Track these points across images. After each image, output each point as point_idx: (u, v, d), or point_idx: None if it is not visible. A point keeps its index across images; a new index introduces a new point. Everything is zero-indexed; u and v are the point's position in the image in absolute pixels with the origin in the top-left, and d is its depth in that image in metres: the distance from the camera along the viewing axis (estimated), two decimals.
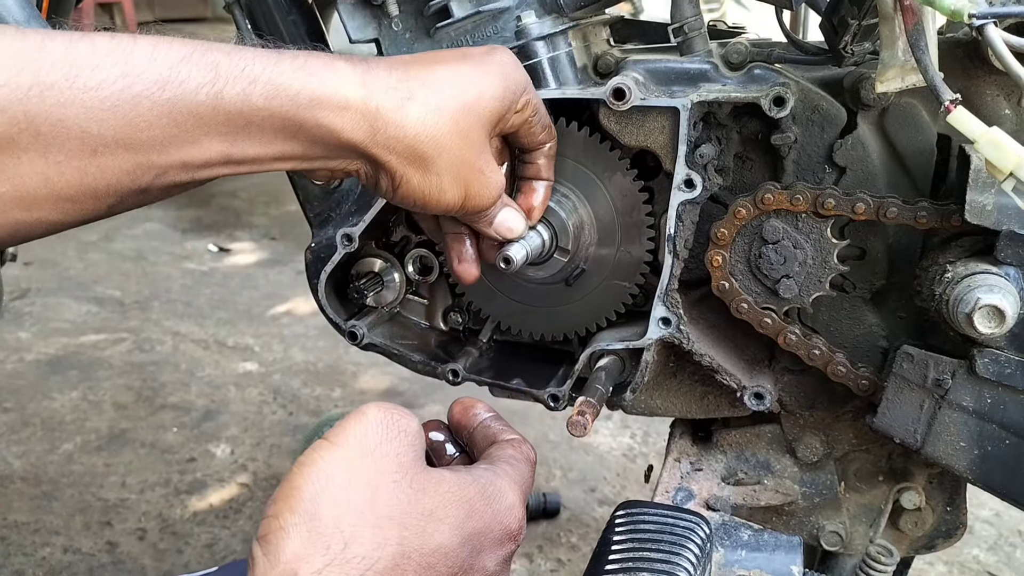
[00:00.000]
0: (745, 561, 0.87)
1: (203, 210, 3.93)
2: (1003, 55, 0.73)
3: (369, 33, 0.98)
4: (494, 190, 0.80)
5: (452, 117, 0.73)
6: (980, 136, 0.73)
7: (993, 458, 0.86)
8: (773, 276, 0.92)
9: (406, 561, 0.58)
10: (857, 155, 0.91)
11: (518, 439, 0.74)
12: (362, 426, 0.62)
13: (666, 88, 0.92)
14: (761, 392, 0.96)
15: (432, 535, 0.60)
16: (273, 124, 0.67)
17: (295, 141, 0.69)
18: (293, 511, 0.56)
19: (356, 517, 0.57)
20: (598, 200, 0.95)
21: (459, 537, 0.61)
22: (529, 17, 0.91)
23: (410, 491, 0.60)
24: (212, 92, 0.64)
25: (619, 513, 0.76)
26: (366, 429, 0.62)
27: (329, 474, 0.58)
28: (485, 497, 0.65)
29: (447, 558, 0.60)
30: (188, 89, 0.63)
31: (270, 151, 0.69)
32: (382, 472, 0.60)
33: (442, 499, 0.62)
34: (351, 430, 0.61)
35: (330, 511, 0.56)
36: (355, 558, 0.55)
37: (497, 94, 0.77)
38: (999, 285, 0.80)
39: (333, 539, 0.55)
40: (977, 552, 1.70)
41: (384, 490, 0.59)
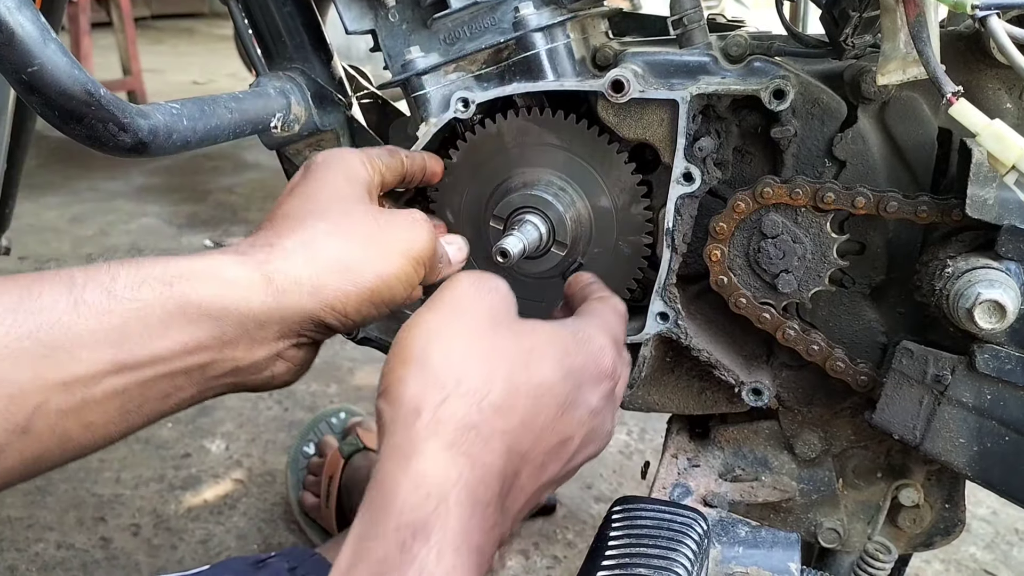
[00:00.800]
0: (742, 558, 0.87)
1: (199, 206, 3.91)
2: (1006, 47, 0.72)
3: (365, 24, 0.97)
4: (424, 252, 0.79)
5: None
6: (982, 129, 0.72)
7: (993, 455, 0.86)
8: (772, 271, 0.91)
9: (515, 393, 0.62)
10: (857, 149, 0.91)
11: (607, 295, 0.81)
12: (456, 289, 0.67)
13: (665, 81, 0.91)
14: (759, 388, 0.95)
15: (536, 370, 0.64)
16: (156, 311, 0.64)
17: (194, 325, 0.66)
18: (405, 362, 0.61)
19: (463, 358, 0.62)
20: (596, 193, 0.95)
21: (561, 372, 0.65)
22: (527, 8, 0.90)
23: (509, 333, 0.65)
24: (70, 300, 0.61)
25: (616, 509, 0.75)
26: (460, 291, 0.67)
27: (432, 328, 0.64)
28: (577, 339, 0.69)
29: (552, 391, 0.64)
30: (43, 305, 0.60)
31: (168, 343, 0.65)
32: (480, 322, 0.65)
33: (540, 340, 0.66)
34: (446, 294, 0.67)
35: (439, 357, 0.61)
36: (469, 392, 0.60)
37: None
38: (1000, 280, 0.80)
39: (446, 378, 0.60)
40: (974, 550, 1.69)
41: (485, 335, 0.64)
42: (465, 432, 0.59)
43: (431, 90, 0.95)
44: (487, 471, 0.59)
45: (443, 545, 0.54)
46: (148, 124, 0.74)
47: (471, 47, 0.94)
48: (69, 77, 0.67)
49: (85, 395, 0.62)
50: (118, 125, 0.71)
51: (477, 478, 0.58)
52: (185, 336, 0.65)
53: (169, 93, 5.61)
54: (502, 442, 0.60)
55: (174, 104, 0.80)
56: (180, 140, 0.79)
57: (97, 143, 0.72)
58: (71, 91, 0.67)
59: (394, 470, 0.57)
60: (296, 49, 1.04)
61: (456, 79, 0.95)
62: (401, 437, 0.59)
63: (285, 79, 1.03)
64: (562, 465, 0.67)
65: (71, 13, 4.90)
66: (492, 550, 0.59)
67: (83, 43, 5.04)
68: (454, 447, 0.58)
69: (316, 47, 1.05)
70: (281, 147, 1.06)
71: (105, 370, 0.62)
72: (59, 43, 0.67)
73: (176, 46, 8.20)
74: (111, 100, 0.71)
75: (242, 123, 0.91)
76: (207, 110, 0.84)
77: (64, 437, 0.62)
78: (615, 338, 0.74)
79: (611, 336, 0.73)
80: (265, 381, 0.74)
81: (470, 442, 0.58)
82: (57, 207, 3.86)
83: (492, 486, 0.59)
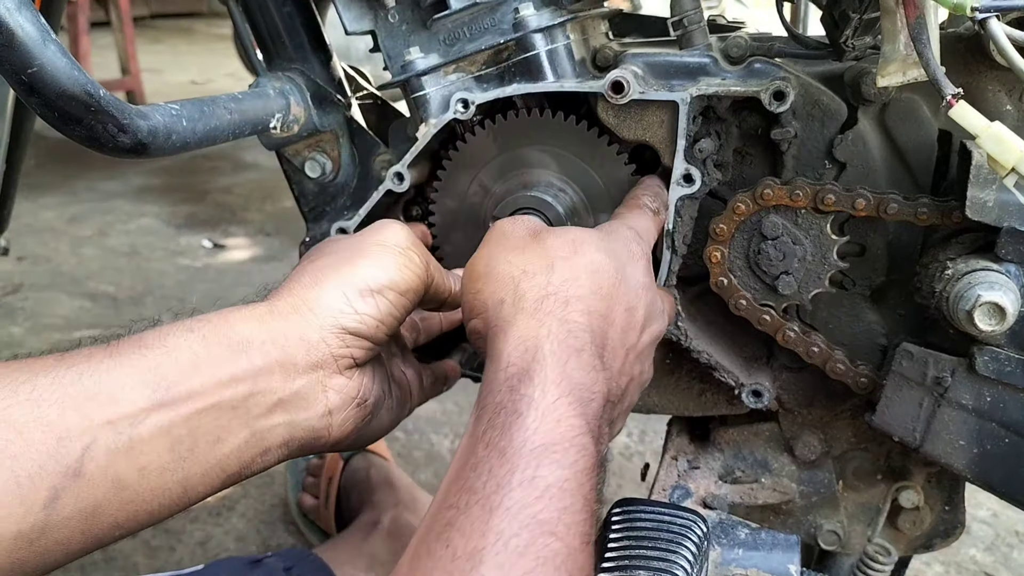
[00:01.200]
0: (742, 560, 0.87)
1: (198, 206, 3.91)
2: (1006, 49, 0.72)
3: (365, 25, 0.97)
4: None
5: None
6: (982, 131, 0.72)
7: (992, 457, 0.86)
8: (772, 272, 0.91)
9: (575, 269, 0.71)
10: (857, 150, 0.91)
11: (637, 197, 0.89)
12: (494, 228, 0.78)
13: (665, 82, 0.91)
14: (759, 390, 0.95)
15: (585, 253, 0.73)
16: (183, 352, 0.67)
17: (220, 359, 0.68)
18: (475, 280, 0.73)
19: (520, 257, 0.72)
20: (594, 194, 0.95)
21: (603, 253, 0.74)
22: (527, 9, 0.90)
23: (551, 235, 0.75)
24: (106, 351, 0.65)
25: (615, 511, 0.75)
26: (497, 227, 0.78)
27: (485, 252, 0.75)
28: (606, 232, 0.79)
29: (603, 267, 0.73)
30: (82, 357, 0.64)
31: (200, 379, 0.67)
32: (524, 236, 0.76)
33: (578, 234, 0.76)
34: (488, 234, 0.77)
35: (500, 263, 0.72)
36: (536, 273, 0.71)
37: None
38: (1000, 282, 0.80)
39: (513, 272, 0.71)
40: (974, 552, 1.69)
41: (531, 241, 0.75)
42: (544, 300, 0.68)
43: (431, 91, 0.95)
44: (573, 326, 0.67)
45: (545, 382, 0.62)
46: (147, 125, 0.74)
47: (471, 48, 0.94)
48: (69, 78, 0.67)
49: (132, 434, 0.63)
50: (117, 126, 0.71)
51: (565, 331, 0.67)
52: (215, 369, 0.67)
53: (168, 93, 5.61)
54: (580, 304, 0.69)
55: (173, 105, 0.80)
56: (179, 141, 0.79)
57: (96, 144, 0.72)
58: (71, 92, 0.67)
59: (497, 344, 0.67)
60: (295, 49, 1.04)
61: (456, 80, 0.95)
62: (495, 323, 0.69)
63: (284, 80, 1.02)
64: (638, 332, 0.76)
65: (70, 12, 4.90)
66: (600, 389, 0.66)
67: (82, 42, 5.03)
68: (539, 311, 0.68)
69: (315, 47, 1.05)
70: (280, 147, 1.05)
71: (146, 407, 0.63)
72: (59, 44, 0.66)
73: (175, 46, 8.20)
74: (111, 101, 0.70)
75: (241, 124, 0.91)
76: (206, 111, 0.84)
77: (117, 482, 0.62)
78: (637, 229, 0.82)
79: (632, 228, 0.81)
80: (323, 420, 0.73)
81: (550, 306, 0.68)
82: (55, 207, 3.85)
83: (581, 336, 0.67)
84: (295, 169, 1.07)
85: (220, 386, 0.67)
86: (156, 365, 0.65)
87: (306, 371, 0.71)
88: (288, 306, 0.73)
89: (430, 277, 0.81)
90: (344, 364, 0.74)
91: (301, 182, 1.08)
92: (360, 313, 0.74)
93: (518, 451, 0.58)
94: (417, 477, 1.83)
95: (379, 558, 1.44)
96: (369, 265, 0.76)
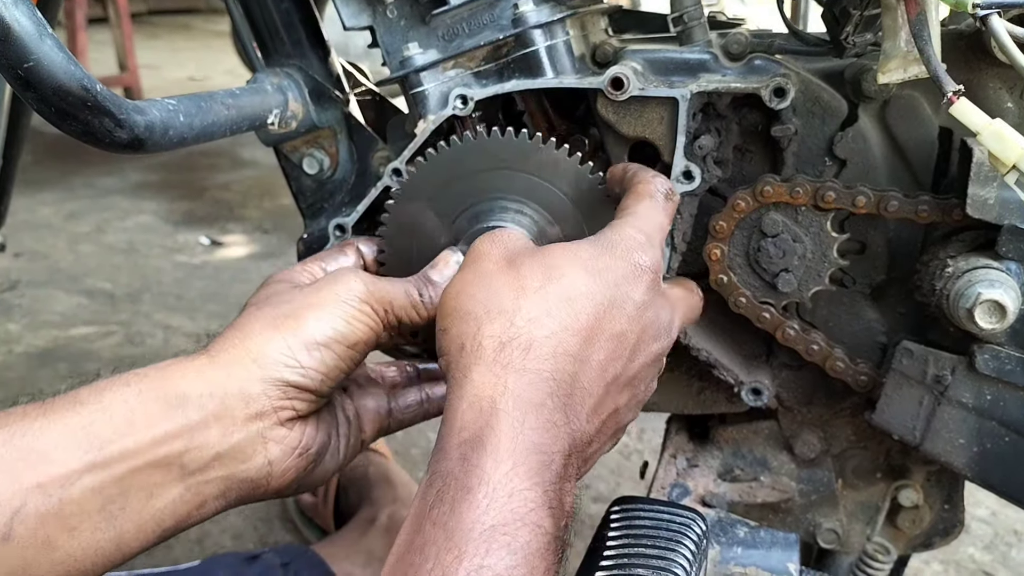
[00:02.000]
0: (741, 558, 0.87)
1: (195, 203, 3.90)
2: (1007, 46, 0.71)
3: (363, 20, 0.97)
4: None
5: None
6: (983, 128, 0.72)
7: (992, 455, 0.86)
8: (772, 270, 0.91)
9: (547, 302, 0.66)
10: (858, 148, 0.90)
11: (640, 185, 0.80)
12: (472, 249, 0.73)
13: (665, 78, 0.91)
14: (759, 387, 0.95)
15: (564, 279, 0.67)
16: (118, 409, 0.66)
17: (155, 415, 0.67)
18: (443, 317, 0.69)
19: (489, 292, 0.67)
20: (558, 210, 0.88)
21: (589, 276, 0.68)
22: (526, 5, 0.89)
23: (529, 259, 0.70)
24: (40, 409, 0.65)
25: (614, 509, 0.75)
26: (474, 248, 0.73)
27: (457, 283, 0.70)
28: (601, 245, 0.71)
29: (586, 294, 0.67)
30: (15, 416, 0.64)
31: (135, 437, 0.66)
32: (499, 261, 0.70)
33: (561, 254, 0.70)
34: (466, 257, 0.73)
35: (467, 300, 0.68)
36: (500, 314, 0.65)
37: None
38: (1000, 280, 0.79)
39: (477, 312, 0.66)
40: (973, 551, 1.69)
41: (505, 269, 0.69)
42: (504, 348, 0.63)
43: (429, 87, 0.95)
44: (534, 376, 0.62)
45: (498, 451, 0.58)
46: (144, 120, 0.74)
47: (470, 44, 0.93)
48: (65, 73, 0.66)
49: (63, 496, 0.62)
50: (114, 121, 0.71)
51: (524, 383, 0.62)
52: (150, 426, 0.66)
53: (165, 89, 5.59)
54: (545, 346, 0.64)
55: (170, 100, 0.80)
56: (176, 136, 0.78)
57: (93, 139, 0.71)
58: (67, 87, 0.67)
59: (452, 399, 0.63)
60: (293, 45, 1.04)
61: (455, 76, 0.95)
62: (454, 372, 0.65)
63: (282, 75, 1.02)
64: (625, 361, 0.69)
65: (67, 8, 4.89)
66: (560, 447, 0.61)
67: (79, 39, 5.02)
68: (496, 363, 0.63)
69: (313, 43, 1.05)
70: (278, 144, 1.05)
71: (78, 468, 0.62)
72: (55, 39, 0.66)
73: (172, 42, 8.18)
74: (107, 96, 0.70)
75: (239, 120, 0.90)
76: (204, 106, 0.83)
77: (47, 543, 0.61)
78: (646, 233, 0.74)
79: (639, 232, 0.73)
80: (262, 471, 0.72)
81: (509, 354, 0.63)
82: (53, 204, 3.85)
83: (542, 388, 0.62)
84: (293, 165, 1.06)
85: (155, 443, 0.66)
86: (90, 423, 0.64)
87: (245, 424, 0.69)
88: (230, 358, 0.71)
89: (391, 322, 0.77)
90: (285, 416, 0.72)
91: (299, 178, 1.07)
92: (304, 367, 0.71)
93: (467, 535, 0.54)
94: (415, 474, 1.83)
95: (376, 554, 1.44)
96: (317, 318, 0.73)
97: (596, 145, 0.97)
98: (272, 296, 0.77)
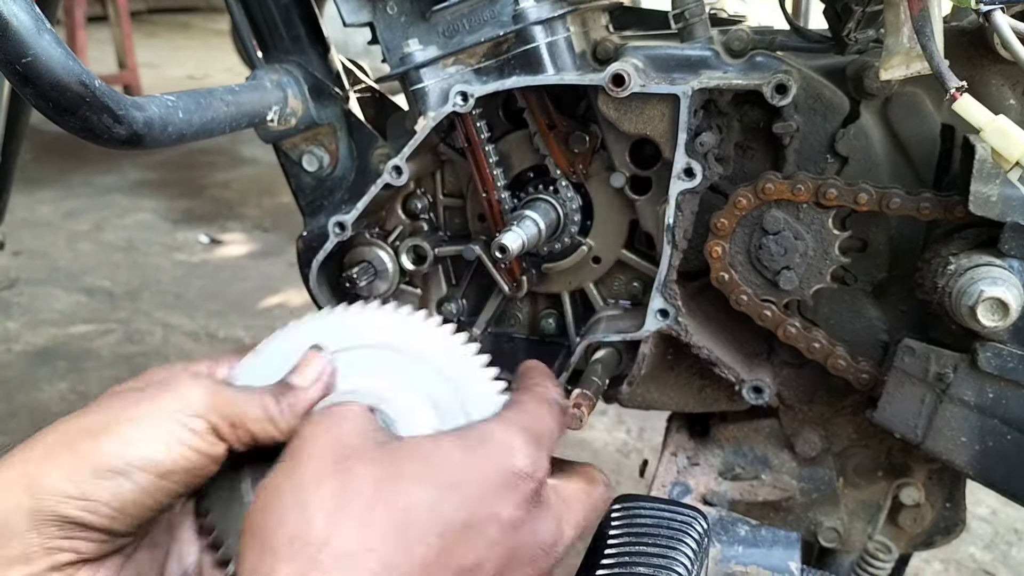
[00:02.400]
0: (742, 557, 0.86)
1: (195, 201, 3.90)
2: (1010, 42, 0.71)
3: (363, 17, 0.96)
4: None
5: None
6: (986, 125, 0.71)
7: (994, 453, 0.85)
8: (773, 267, 0.90)
9: (371, 529, 0.52)
10: (860, 145, 0.90)
11: (534, 384, 0.67)
12: (295, 439, 0.59)
13: (666, 75, 0.90)
14: (760, 386, 0.95)
15: (402, 494, 0.54)
16: None
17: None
18: (244, 534, 0.55)
19: (301, 512, 0.53)
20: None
21: (439, 490, 0.54)
22: (527, 1, 0.89)
23: (364, 462, 0.55)
24: None
25: (615, 507, 0.75)
26: (299, 438, 0.59)
27: (269, 491, 0.56)
28: (467, 446, 0.57)
29: (429, 515, 0.53)
30: None
31: None
32: (324, 464, 0.56)
33: (409, 458, 0.56)
34: (288, 447, 0.59)
35: (273, 520, 0.54)
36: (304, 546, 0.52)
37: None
38: (1003, 278, 0.79)
39: (278, 542, 0.52)
40: (973, 550, 1.69)
41: (329, 476, 0.55)
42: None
43: (429, 83, 0.94)
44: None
45: None
46: (143, 116, 0.73)
47: (470, 40, 0.93)
48: (64, 68, 0.66)
49: None
50: (113, 117, 0.70)
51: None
52: None
53: (165, 88, 5.58)
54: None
55: (170, 97, 0.79)
56: (175, 133, 0.78)
57: (92, 135, 0.71)
58: (66, 82, 0.66)
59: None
60: (293, 42, 1.03)
61: (455, 72, 0.94)
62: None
63: (282, 72, 1.02)
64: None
65: (67, 6, 4.89)
66: None
67: (79, 37, 5.02)
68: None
69: (313, 40, 1.05)
70: (278, 141, 1.05)
71: None
72: (54, 34, 0.66)
73: (172, 40, 8.18)
74: (106, 92, 0.70)
75: (238, 116, 0.90)
76: (203, 103, 0.83)
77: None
78: (534, 433, 0.61)
79: (526, 431, 0.60)
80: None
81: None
82: (51, 201, 3.84)
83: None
84: (292, 163, 1.06)
85: None
86: None
87: (16, 567, 0.56)
88: (3, 483, 0.57)
89: (244, 439, 0.62)
90: (63, 560, 0.57)
91: (298, 176, 1.07)
92: (89, 499, 0.56)
93: None
94: None
95: None
96: (122, 437, 0.58)
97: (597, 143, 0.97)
98: (101, 401, 0.63)
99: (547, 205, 0.97)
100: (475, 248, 0.99)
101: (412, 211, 1.05)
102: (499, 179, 0.97)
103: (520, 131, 0.99)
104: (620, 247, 1.00)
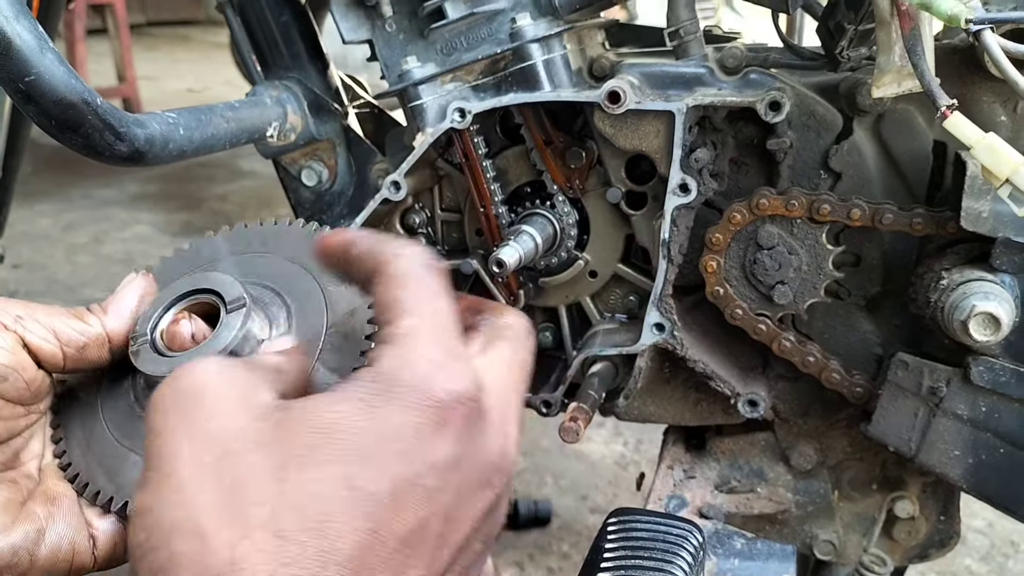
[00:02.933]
0: (738, 570, 0.87)
1: (194, 214, 3.91)
2: (1000, 61, 0.72)
3: (363, 34, 0.97)
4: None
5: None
6: (976, 142, 0.73)
7: (987, 467, 0.86)
8: (768, 282, 0.91)
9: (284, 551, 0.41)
10: (853, 161, 0.91)
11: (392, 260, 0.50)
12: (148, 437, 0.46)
13: (662, 92, 0.91)
14: (755, 399, 0.95)
15: (305, 485, 0.42)
16: None
17: None
18: (135, 514, 0.44)
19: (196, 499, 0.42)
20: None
21: (345, 466, 0.43)
22: (524, 19, 0.90)
23: (255, 455, 0.43)
24: None
25: (611, 520, 0.75)
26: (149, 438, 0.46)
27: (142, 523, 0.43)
28: (379, 385, 0.45)
29: (350, 501, 0.42)
30: None
31: None
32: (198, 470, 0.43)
33: (299, 436, 0.44)
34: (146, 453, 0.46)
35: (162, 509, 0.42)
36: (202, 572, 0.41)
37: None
38: (994, 292, 0.80)
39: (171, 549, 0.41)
40: (969, 562, 1.69)
41: (208, 489, 0.43)
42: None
43: (428, 100, 0.95)
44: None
45: None
46: (145, 133, 0.74)
47: (468, 57, 0.94)
48: (66, 87, 0.67)
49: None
50: (115, 134, 0.71)
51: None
52: None
53: (164, 100, 5.60)
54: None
55: (170, 113, 0.80)
56: (176, 149, 0.79)
57: (93, 152, 0.72)
58: (68, 100, 0.67)
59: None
60: (292, 58, 1.04)
61: (453, 89, 0.95)
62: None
63: (281, 88, 1.03)
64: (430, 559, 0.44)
65: (66, 20, 4.90)
66: None
67: (78, 50, 5.04)
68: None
69: (312, 56, 1.06)
70: (277, 156, 1.06)
71: None
72: (56, 53, 0.67)
73: (171, 53, 8.20)
74: (108, 110, 0.71)
75: (238, 132, 0.91)
76: (203, 119, 0.84)
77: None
78: (439, 333, 0.48)
79: (433, 342, 0.47)
80: None
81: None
82: (51, 215, 3.85)
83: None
84: (291, 177, 1.07)
85: None
86: None
87: None
88: None
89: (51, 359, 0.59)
90: None
91: (297, 190, 1.08)
92: None
93: None
94: None
95: None
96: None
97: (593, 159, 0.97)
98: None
99: (544, 220, 0.97)
100: (473, 262, 1.00)
101: (410, 226, 1.06)
102: (496, 194, 0.97)
103: (517, 147, 1.00)
104: (616, 261, 1.01)
